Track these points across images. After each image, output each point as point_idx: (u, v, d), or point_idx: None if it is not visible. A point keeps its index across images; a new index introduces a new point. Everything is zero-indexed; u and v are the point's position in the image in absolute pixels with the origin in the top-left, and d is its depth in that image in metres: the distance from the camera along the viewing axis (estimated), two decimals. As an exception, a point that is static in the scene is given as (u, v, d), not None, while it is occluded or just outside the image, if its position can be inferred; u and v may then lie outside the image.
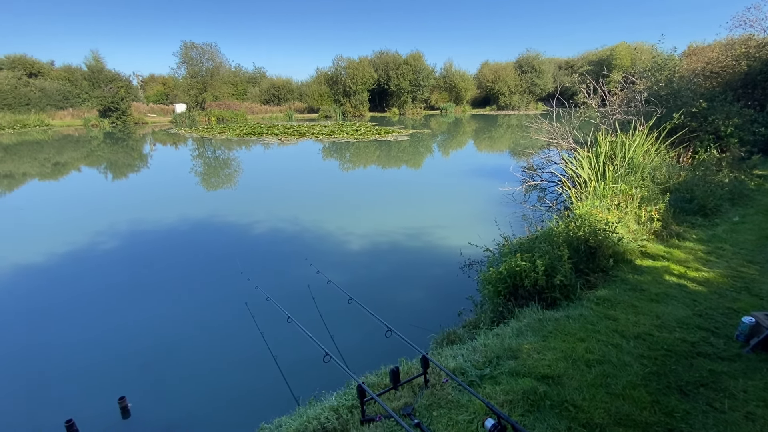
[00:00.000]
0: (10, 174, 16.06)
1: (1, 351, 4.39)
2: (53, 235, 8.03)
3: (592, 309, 3.78)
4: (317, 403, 3.01)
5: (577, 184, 7.39)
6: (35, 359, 4.24)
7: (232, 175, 15.26)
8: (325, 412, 2.74)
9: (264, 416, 2.99)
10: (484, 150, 22.87)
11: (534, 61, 54.37)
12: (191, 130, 31.75)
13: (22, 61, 38.71)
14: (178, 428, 3.25)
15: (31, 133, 30.09)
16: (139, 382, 3.80)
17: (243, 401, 3.60)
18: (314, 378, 3.59)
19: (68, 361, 4.19)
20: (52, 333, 4.74)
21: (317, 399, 3.13)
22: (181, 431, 3.21)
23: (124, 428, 3.27)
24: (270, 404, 3.45)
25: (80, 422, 3.14)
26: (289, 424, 2.74)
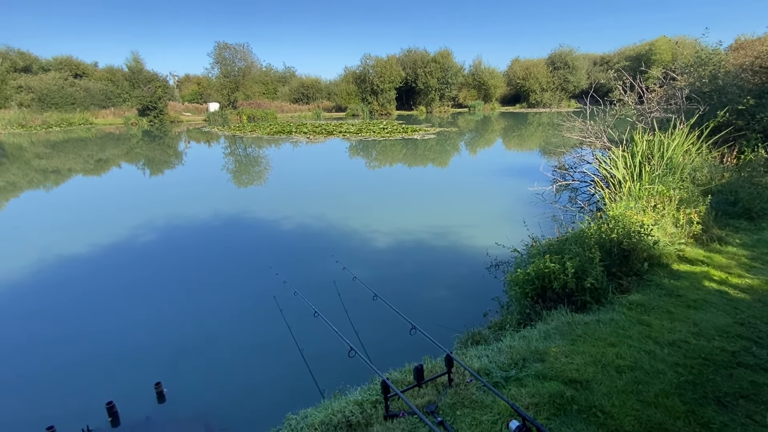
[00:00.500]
0: (57, 170, 17.08)
1: (51, 335, 4.71)
2: (97, 228, 8.50)
3: (624, 314, 3.66)
4: (342, 396, 3.06)
5: (611, 184, 7.14)
6: (81, 343, 4.51)
7: (262, 173, 15.64)
8: (350, 405, 2.79)
9: (290, 406, 3.07)
10: (513, 149, 22.42)
11: (567, 57, 52.76)
12: (223, 128, 32.74)
13: (68, 63, 41.01)
14: (210, 414, 3.38)
15: (76, 131, 31.87)
16: (174, 369, 3.98)
17: (270, 391, 3.71)
18: (339, 372, 3.65)
19: (110, 346, 4.44)
20: (96, 320, 5.03)
21: (342, 392, 3.18)
22: (212, 417, 3.35)
23: (159, 411, 3.44)
24: (296, 395, 3.54)
25: (120, 404, 3.34)
26: (315, 415, 2.80)
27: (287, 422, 2.86)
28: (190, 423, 3.21)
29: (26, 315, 5.16)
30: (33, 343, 4.55)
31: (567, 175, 11.09)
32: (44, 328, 4.85)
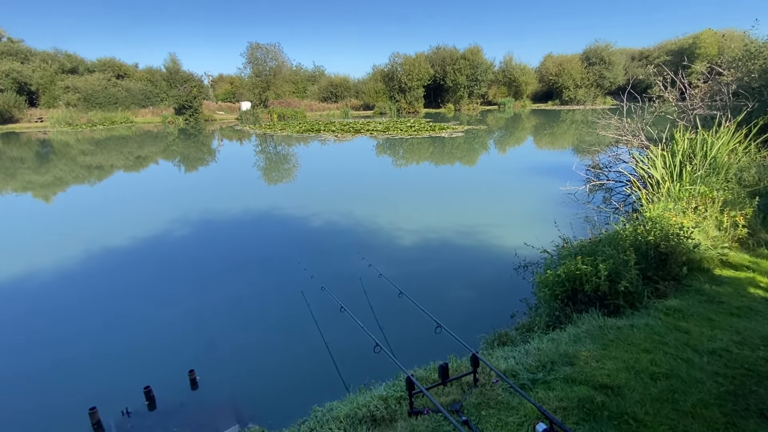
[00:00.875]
0: (101, 166, 18.03)
1: (94, 323, 5.00)
2: (136, 222, 8.92)
3: (660, 319, 3.51)
4: (367, 391, 3.10)
5: (648, 184, 6.84)
6: (121, 331, 4.77)
7: (291, 170, 15.95)
8: (374, 400, 2.82)
9: (316, 399, 3.14)
10: (545, 147, 21.84)
11: (603, 52, 50.78)
12: (255, 126, 33.58)
13: (111, 64, 43.14)
14: (239, 402, 3.50)
15: (117, 129, 33.52)
16: (207, 357, 4.14)
17: (297, 382, 3.80)
18: (363, 367, 3.70)
19: (148, 334, 4.67)
20: (135, 309, 5.29)
21: (367, 387, 3.22)
22: (242, 405, 3.46)
23: (192, 398, 3.59)
24: (321, 388, 3.61)
25: (156, 390, 3.51)
26: (340, 408, 2.85)
27: (313, 414, 2.92)
28: (221, 410, 3.34)
29: (74, 303, 5.49)
30: (78, 329, 4.85)
31: (601, 175, 10.71)
32: (88, 316, 5.15)
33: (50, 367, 4.12)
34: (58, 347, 4.47)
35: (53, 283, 6.01)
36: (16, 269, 6.47)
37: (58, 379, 3.90)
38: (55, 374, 3.99)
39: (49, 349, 4.45)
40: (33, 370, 4.06)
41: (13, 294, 5.76)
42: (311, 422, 2.80)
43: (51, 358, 4.28)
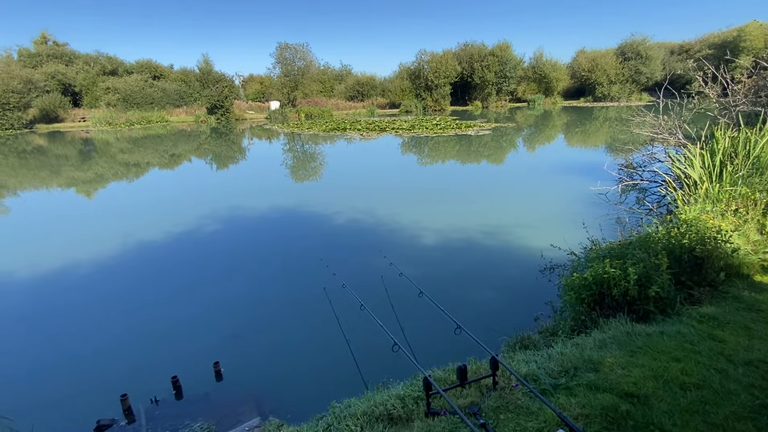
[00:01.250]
0: (137, 163, 18.85)
1: (126, 313, 5.25)
2: (169, 217, 9.29)
3: (693, 327, 3.35)
4: (385, 389, 3.11)
5: (684, 185, 6.52)
6: (151, 322, 4.98)
7: (317, 168, 16.16)
8: (392, 399, 2.83)
9: (334, 395, 3.18)
10: (576, 145, 21.18)
11: (640, 46, 48.66)
12: (283, 125, 34.21)
13: (148, 66, 44.98)
14: (261, 395, 3.59)
15: (153, 128, 34.94)
16: (231, 350, 4.27)
17: (317, 378, 3.86)
18: (382, 365, 3.71)
19: (176, 325, 4.86)
20: (165, 301, 5.52)
21: (385, 386, 3.24)
22: (263, 398, 3.55)
23: (217, 389, 3.71)
24: (340, 384, 3.65)
25: (182, 380, 3.65)
26: (357, 405, 2.88)
27: (332, 410, 2.96)
28: (243, 402, 3.43)
29: (109, 295, 5.78)
30: (111, 319, 5.10)
31: (635, 175, 10.29)
32: (122, 307, 5.41)
33: (87, 354, 4.36)
34: (93, 336, 4.72)
35: (92, 275, 6.35)
36: (58, 262, 6.87)
37: (93, 366, 4.13)
38: (90, 361, 4.22)
39: (86, 337, 4.71)
40: (71, 357, 4.31)
41: (55, 285, 6.12)
42: (329, 418, 2.84)
43: (87, 346, 4.52)
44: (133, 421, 3.29)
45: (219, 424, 3.16)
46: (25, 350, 4.52)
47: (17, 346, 4.62)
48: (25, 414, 3.08)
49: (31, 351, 4.49)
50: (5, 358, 4.37)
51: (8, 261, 7.01)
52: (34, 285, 6.10)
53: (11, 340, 4.74)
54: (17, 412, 2.83)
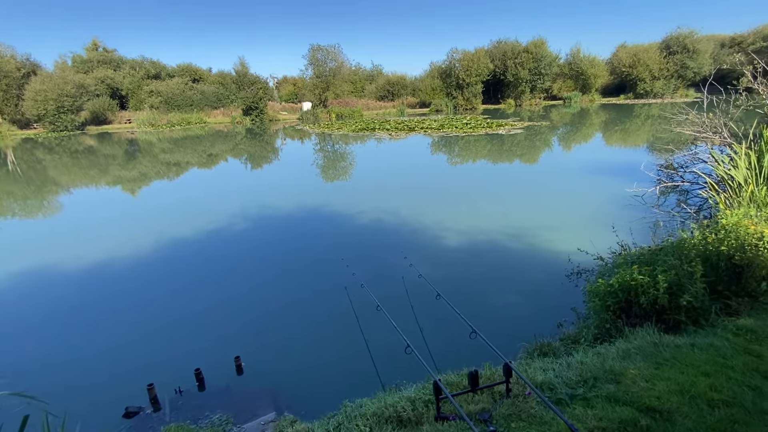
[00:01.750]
0: (178, 163, 19.75)
1: (154, 307, 5.52)
2: (203, 215, 9.68)
3: (727, 339, 3.13)
4: (397, 391, 3.12)
5: (728, 187, 6.11)
6: (177, 315, 5.22)
7: (346, 168, 16.33)
8: (402, 401, 2.83)
9: (349, 393, 3.21)
10: (615, 144, 20.28)
11: (686, 39, 45.90)
12: (314, 126, 34.81)
13: (189, 69, 47.00)
14: (279, 390, 3.69)
15: (192, 129, 36.47)
16: (252, 345, 4.40)
17: (333, 375, 3.91)
18: (397, 366, 3.72)
19: (200, 320, 5.06)
20: (191, 296, 5.76)
21: (398, 388, 3.24)
22: (281, 393, 3.64)
23: (238, 382, 3.84)
24: (356, 383, 3.68)
25: (205, 372, 3.80)
26: (369, 406, 2.89)
27: (344, 409, 2.99)
28: (261, 396, 3.53)
29: (139, 288, 6.10)
30: (140, 312, 5.38)
31: (675, 176, 9.74)
32: (151, 300, 5.70)
33: (118, 345, 4.62)
34: (124, 327, 5.00)
35: (127, 269, 6.72)
36: (99, 256, 7.32)
37: (123, 356, 4.37)
38: (121, 351, 4.47)
39: (117, 329, 4.99)
40: (103, 347, 4.59)
41: (94, 278, 6.53)
42: (340, 417, 2.88)
43: (119, 336, 4.80)
44: (158, 409, 3.46)
45: (237, 417, 3.28)
46: (62, 339, 4.85)
47: (55, 334, 4.97)
48: (60, 399, 3.31)
49: (68, 340, 4.82)
50: (44, 346, 4.72)
51: (56, 254, 7.53)
52: (76, 277, 6.53)
53: (50, 329, 5.11)
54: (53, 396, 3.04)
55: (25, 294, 6.08)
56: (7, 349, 4.70)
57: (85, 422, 3.18)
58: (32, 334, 5.00)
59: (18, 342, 4.85)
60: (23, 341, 4.85)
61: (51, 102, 34.32)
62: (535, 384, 2.91)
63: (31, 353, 4.59)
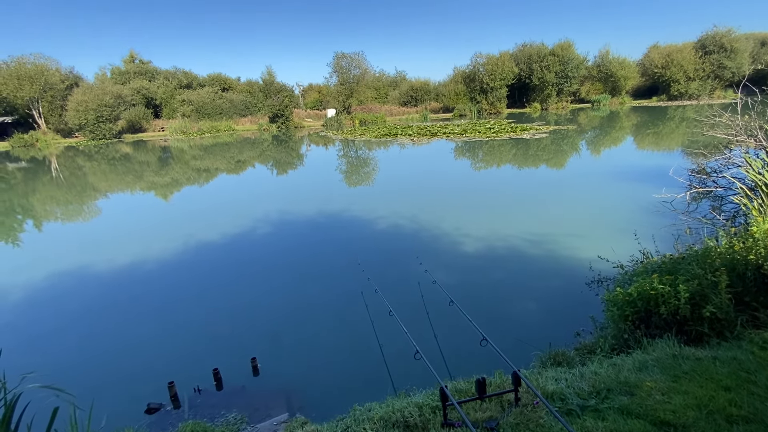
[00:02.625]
0: (207, 169, 20.46)
1: (175, 307, 5.75)
2: (228, 219, 10.00)
3: (752, 353, 2.99)
4: (406, 396, 3.13)
5: (762, 193, 5.81)
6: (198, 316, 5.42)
7: (369, 174, 16.47)
8: (410, 407, 2.85)
9: (360, 397, 3.25)
10: (647, 148, 19.56)
11: (724, 38, 43.81)
12: (338, 132, 35.29)
13: (218, 79, 48.72)
14: (292, 391, 3.77)
15: (221, 137, 37.70)
16: (269, 347, 4.52)
17: (346, 378, 3.98)
18: (409, 371, 3.73)
19: (220, 321, 5.24)
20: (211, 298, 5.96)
21: (407, 393, 3.26)
22: (294, 394, 3.73)
23: (254, 383, 3.96)
24: (367, 387, 3.73)
25: (223, 372, 3.93)
26: (377, 410, 2.92)
27: (352, 412, 3.04)
28: (275, 397, 3.63)
29: (164, 289, 6.38)
30: (164, 312, 5.62)
31: (708, 181, 9.33)
32: (174, 301, 5.94)
33: (142, 343, 4.85)
34: (148, 327, 5.24)
35: (155, 271, 7.04)
36: (129, 258, 7.69)
37: (147, 354, 4.59)
38: (144, 350, 4.70)
39: (142, 328, 5.24)
40: (128, 345, 4.83)
41: (123, 279, 6.86)
42: (348, 420, 2.92)
43: (143, 335, 5.03)
44: (178, 406, 3.61)
45: (251, 417, 3.38)
46: (93, 336, 5.13)
47: (86, 332, 5.26)
48: (88, 393, 3.50)
49: (98, 337, 5.09)
50: (75, 343, 5.00)
51: (92, 256, 7.96)
52: (108, 278, 6.89)
53: (82, 326, 5.41)
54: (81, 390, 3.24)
55: (61, 293, 6.46)
56: (41, 344, 5.01)
57: (110, 416, 3.36)
58: (65, 330, 5.32)
59: (51, 338, 5.16)
60: (57, 337, 5.15)
61: (91, 112, 36.35)
62: (546, 393, 2.87)
63: (63, 349, 4.87)
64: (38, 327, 5.45)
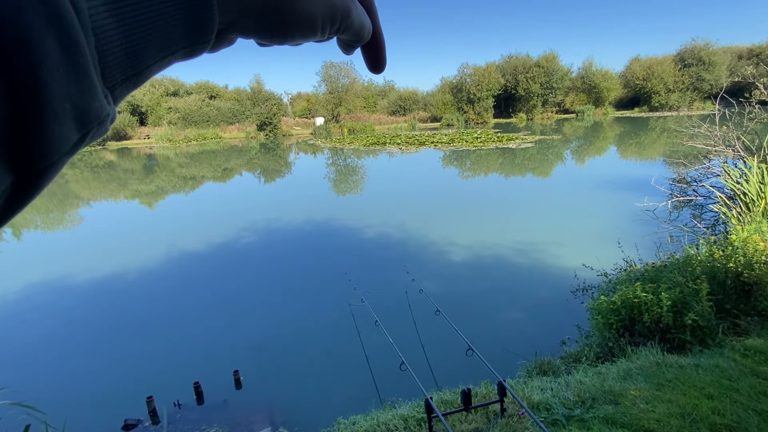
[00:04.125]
0: (194, 177, 20.21)
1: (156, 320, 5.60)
2: (213, 229, 9.84)
3: (734, 360, 3.03)
4: (391, 409, 3.08)
5: (741, 202, 5.96)
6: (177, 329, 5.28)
7: (357, 182, 16.46)
8: (395, 419, 2.80)
9: (345, 410, 3.19)
10: (630, 158, 19.98)
11: (702, 51, 45.35)
12: (326, 140, 35.28)
13: (206, 87, 48.38)
14: (276, 405, 3.68)
15: (208, 144, 37.34)
16: (252, 359, 4.41)
17: (330, 391, 3.89)
18: (395, 383, 3.68)
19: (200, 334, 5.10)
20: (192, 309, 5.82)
21: (393, 405, 3.20)
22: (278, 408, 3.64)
23: (236, 396, 3.85)
24: (353, 399, 3.65)
25: (204, 386, 3.82)
26: (361, 423, 2.87)
27: (337, 425, 2.98)
28: (258, 411, 3.53)
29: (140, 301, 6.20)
30: (140, 325, 5.45)
31: (689, 190, 9.54)
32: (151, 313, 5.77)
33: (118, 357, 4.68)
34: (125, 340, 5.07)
35: (133, 283, 6.86)
36: (107, 269, 7.48)
37: (124, 369, 4.42)
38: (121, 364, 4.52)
39: (118, 341, 5.06)
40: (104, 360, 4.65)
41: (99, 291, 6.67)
42: (332, 434, 2.86)
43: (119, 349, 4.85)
44: (157, 422, 3.49)
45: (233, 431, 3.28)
46: (68, 351, 4.94)
47: (60, 346, 5.06)
48: (61, 409, 3.37)
49: (73, 352, 4.90)
50: (49, 357, 4.81)
51: (69, 267, 7.73)
52: (85, 289, 6.69)
53: (56, 340, 5.21)
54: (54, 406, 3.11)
55: (37, 305, 6.25)
56: (12, 359, 4.81)
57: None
58: (38, 345, 5.11)
59: (23, 352, 4.96)
60: (30, 351, 4.95)
61: (75, 119, 35.62)
62: (531, 403, 2.85)
63: (35, 364, 4.68)
64: (10, 341, 5.25)
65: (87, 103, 0.19)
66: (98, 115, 0.20)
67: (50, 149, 0.18)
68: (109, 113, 0.21)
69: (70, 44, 0.17)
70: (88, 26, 0.18)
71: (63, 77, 0.17)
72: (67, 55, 0.17)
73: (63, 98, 0.17)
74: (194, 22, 0.22)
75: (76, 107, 0.18)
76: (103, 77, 0.20)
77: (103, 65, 0.19)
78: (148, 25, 0.20)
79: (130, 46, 0.20)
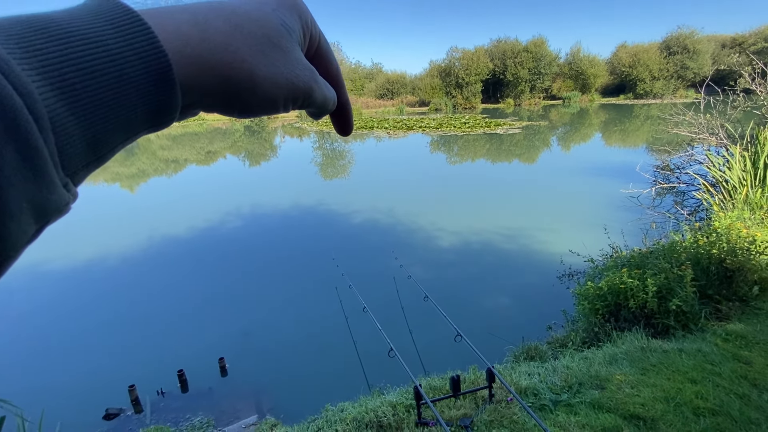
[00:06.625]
0: (176, 159, 19.70)
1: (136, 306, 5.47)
2: (197, 213, 9.60)
3: (716, 345, 3.09)
4: (379, 395, 3.07)
5: (722, 189, 6.06)
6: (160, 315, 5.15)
7: (345, 167, 16.27)
8: (384, 406, 2.78)
9: (333, 397, 3.16)
10: (614, 144, 20.22)
11: (687, 39, 45.84)
12: (312, 123, 34.70)
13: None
14: (262, 392, 3.64)
15: (191, 126, 36.39)
16: (238, 346, 4.35)
17: (318, 378, 3.87)
18: (383, 369, 3.66)
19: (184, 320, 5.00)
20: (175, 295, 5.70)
21: (381, 391, 3.19)
22: (264, 395, 3.60)
23: (221, 384, 3.79)
24: (340, 386, 3.63)
25: (188, 373, 3.75)
26: (350, 410, 2.85)
27: (324, 413, 2.95)
28: (244, 398, 3.49)
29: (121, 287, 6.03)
30: (122, 312, 5.30)
31: (672, 177, 9.69)
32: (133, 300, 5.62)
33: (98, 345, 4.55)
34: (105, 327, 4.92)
35: (114, 268, 6.66)
36: (86, 254, 7.25)
37: (105, 357, 4.30)
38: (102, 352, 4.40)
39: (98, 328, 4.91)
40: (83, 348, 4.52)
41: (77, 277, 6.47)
42: (320, 421, 2.83)
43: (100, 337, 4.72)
44: (140, 411, 3.42)
45: (218, 419, 3.23)
46: (43, 340, 4.78)
47: (35, 335, 4.89)
48: (40, 400, 3.26)
49: (48, 340, 4.75)
50: (22, 346, 4.65)
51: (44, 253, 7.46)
52: (62, 275, 6.48)
53: (30, 329, 5.03)
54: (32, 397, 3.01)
55: (8, 290, 6.01)
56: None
57: (65, 424, 3.13)
58: (11, 333, 4.94)
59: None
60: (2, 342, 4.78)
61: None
62: (519, 389, 2.86)
63: (9, 353, 4.52)
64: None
65: (45, 198, 0.19)
66: (57, 207, 0.20)
67: (6, 247, 0.18)
68: (68, 201, 0.21)
69: (28, 150, 0.17)
70: (48, 129, 0.18)
71: (20, 180, 0.17)
72: (25, 161, 0.17)
73: (20, 199, 0.18)
74: (157, 108, 0.22)
75: (33, 204, 0.18)
76: (63, 168, 0.20)
77: (63, 158, 0.19)
78: (109, 117, 0.20)
79: (91, 137, 0.20)
